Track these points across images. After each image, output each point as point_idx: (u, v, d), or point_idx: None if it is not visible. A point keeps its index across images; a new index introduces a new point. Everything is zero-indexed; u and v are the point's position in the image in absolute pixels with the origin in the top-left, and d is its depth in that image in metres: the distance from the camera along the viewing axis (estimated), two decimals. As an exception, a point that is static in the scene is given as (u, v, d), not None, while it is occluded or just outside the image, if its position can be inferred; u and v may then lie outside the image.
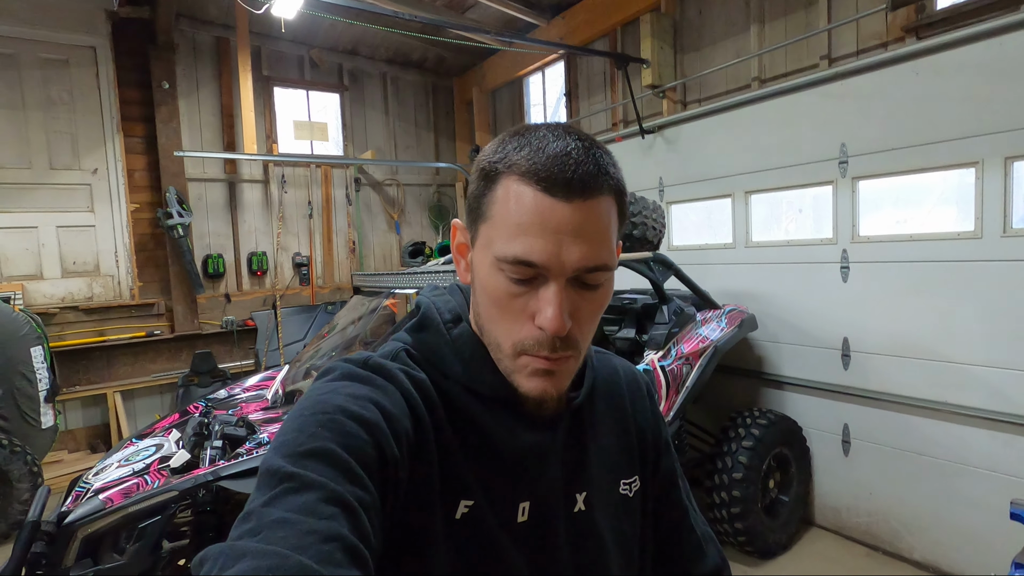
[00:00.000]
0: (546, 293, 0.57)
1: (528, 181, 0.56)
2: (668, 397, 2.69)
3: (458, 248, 0.67)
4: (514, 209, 0.57)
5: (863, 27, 3.27)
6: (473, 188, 0.63)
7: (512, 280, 0.58)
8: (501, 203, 0.58)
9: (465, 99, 6.65)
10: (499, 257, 0.58)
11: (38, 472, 3.64)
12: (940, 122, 2.75)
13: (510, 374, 0.62)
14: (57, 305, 4.65)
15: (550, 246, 0.56)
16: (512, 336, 0.60)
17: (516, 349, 0.60)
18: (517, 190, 0.57)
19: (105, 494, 1.84)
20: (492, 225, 0.59)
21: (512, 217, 0.57)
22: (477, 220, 0.62)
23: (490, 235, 0.59)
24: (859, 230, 3.11)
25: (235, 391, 2.91)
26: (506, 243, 0.57)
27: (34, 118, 4.55)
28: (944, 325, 2.78)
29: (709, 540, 0.82)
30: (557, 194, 0.56)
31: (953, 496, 2.79)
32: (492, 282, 0.60)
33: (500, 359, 0.63)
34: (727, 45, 4.02)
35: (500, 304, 0.60)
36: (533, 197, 0.56)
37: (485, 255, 0.60)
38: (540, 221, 0.56)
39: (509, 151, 0.59)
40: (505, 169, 0.58)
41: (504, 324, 0.61)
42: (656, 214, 3.05)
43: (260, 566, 0.40)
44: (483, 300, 0.63)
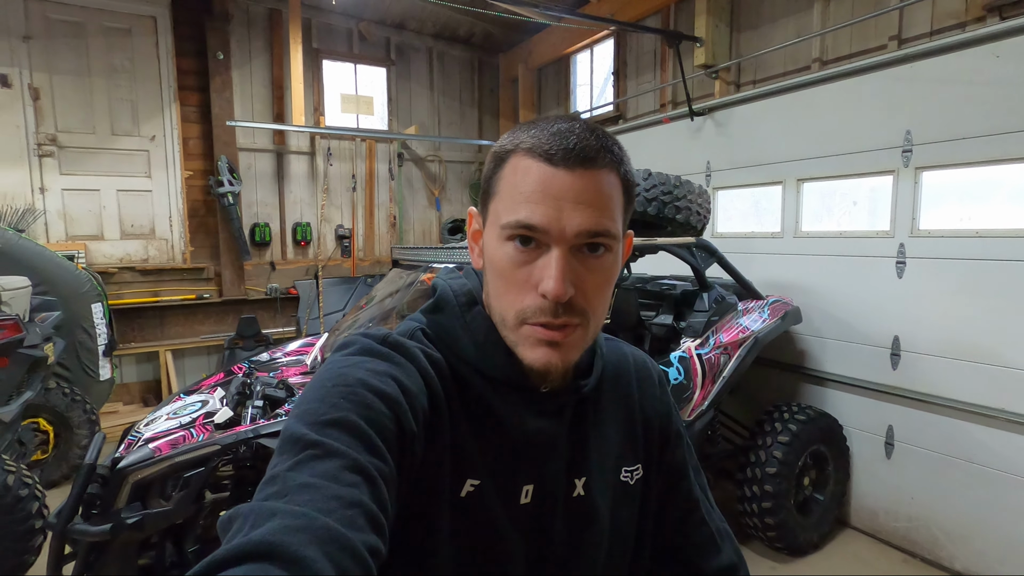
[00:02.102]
0: (547, 259, 0.58)
1: (533, 155, 0.59)
2: (704, 386, 2.63)
3: (472, 235, 0.69)
4: (519, 180, 0.60)
5: (939, 5, 3.05)
6: (485, 172, 0.65)
7: (518, 249, 0.60)
8: (507, 178, 0.61)
9: (510, 76, 6.57)
10: (503, 225, 0.60)
11: (95, 420, 3.87)
12: (1020, 110, 2.54)
13: (515, 347, 0.63)
14: (116, 265, 4.90)
15: (551, 211, 0.57)
16: (516, 306, 0.61)
17: (519, 318, 0.61)
18: (523, 164, 0.60)
19: (154, 444, 1.95)
20: (499, 199, 0.62)
21: (517, 187, 0.60)
22: (487, 200, 0.64)
23: (497, 209, 0.62)
24: (919, 223, 2.94)
25: (277, 355, 3.01)
26: (510, 212, 0.59)
27: (98, 85, 4.75)
28: (1006, 328, 2.62)
29: (725, 536, 0.81)
30: (558, 163, 0.58)
31: (1003, 507, 2.65)
32: (499, 254, 0.61)
33: (506, 334, 0.64)
34: (787, 23, 3.82)
35: (505, 275, 0.61)
36: (537, 168, 0.59)
37: (493, 230, 0.63)
38: (542, 188, 0.58)
39: (518, 134, 0.62)
40: (513, 148, 0.62)
41: (509, 296, 0.62)
42: (701, 199, 2.96)
43: (290, 525, 0.42)
44: (491, 276, 0.64)
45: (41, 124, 4.58)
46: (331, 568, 0.41)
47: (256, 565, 0.40)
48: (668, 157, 4.40)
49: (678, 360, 2.61)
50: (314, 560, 0.41)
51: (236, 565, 0.40)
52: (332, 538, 0.43)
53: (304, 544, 0.41)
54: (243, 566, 0.40)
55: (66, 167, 4.70)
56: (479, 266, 0.68)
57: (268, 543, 0.41)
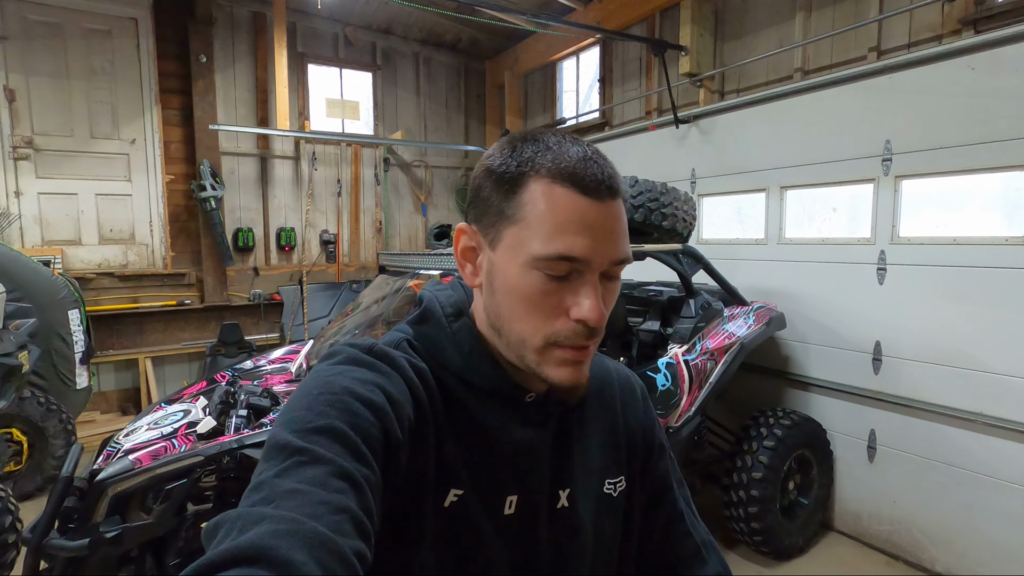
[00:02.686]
0: (585, 288, 0.60)
1: (561, 182, 0.59)
2: (691, 392, 2.65)
3: (464, 252, 0.68)
4: (551, 209, 0.59)
5: (916, 18, 3.13)
6: (487, 192, 0.63)
7: (548, 277, 0.60)
8: (533, 205, 0.60)
9: (497, 82, 6.59)
10: (538, 256, 0.59)
11: (72, 430, 3.78)
12: (995, 121, 2.62)
13: (537, 367, 0.64)
14: (94, 271, 4.79)
15: (589, 242, 0.59)
16: (543, 331, 0.62)
17: (547, 342, 0.62)
18: (551, 191, 0.59)
19: (135, 455, 1.90)
20: (525, 227, 0.60)
21: (551, 217, 0.59)
22: (499, 223, 0.63)
23: (522, 236, 0.61)
24: (899, 231, 3.00)
25: (261, 363, 2.97)
26: (546, 242, 0.59)
27: (77, 87, 4.65)
28: (984, 333, 2.68)
29: (711, 548, 0.82)
30: (591, 194, 0.59)
31: (983, 509, 2.71)
32: (524, 281, 0.61)
33: (524, 355, 0.64)
34: (770, 34, 3.89)
35: (532, 301, 0.61)
36: (570, 198, 0.59)
37: (514, 256, 0.61)
38: (579, 219, 0.59)
39: (528, 155, 0.61)
40: (531, 172, 0.60)
41: (534, 320, 0.62)
42: (687, 206, 2.98)
43: (278, 529, 0.42)
44: (507, 300, 0.63)
45: (17, 126, 4.47)
46: (319, 571, 0.41)
47: (245, 569, 0.40)
48: (654, 164, 4.44)
49: (665, 366, 2.62)
50: (303, 563, 0.41)
51: (225, 569, 0.40)
52: (320, 542, 0.43)
53: (293, 548, 0.41)
54: (232, 570, 0.40)
55: (43, 170, 4.59)
56: (475, 285, 0.68)
57: (257, 547, 0.41)
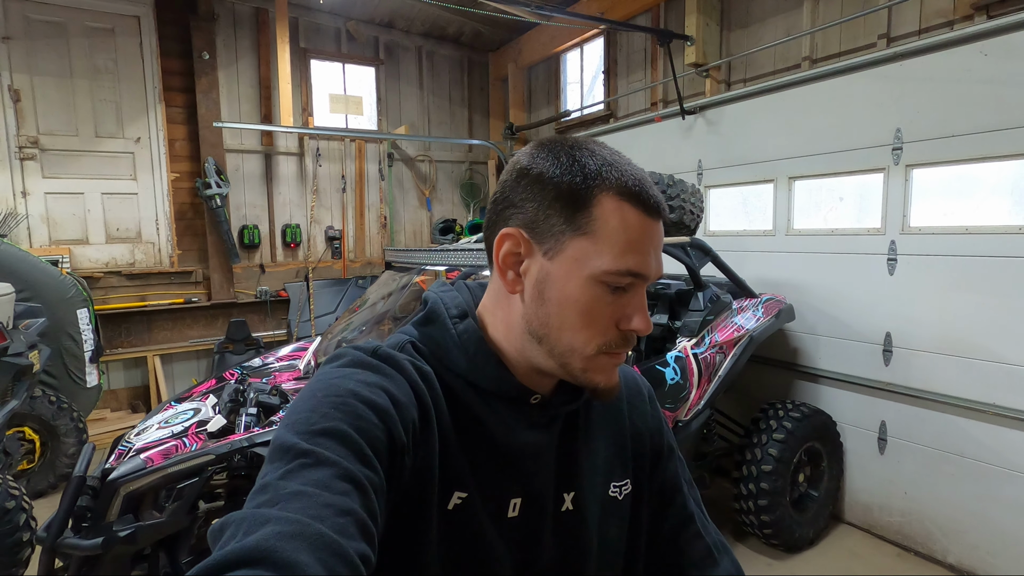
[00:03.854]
0: (638, 300, 0.64)
1: (631, 201, 0.62)
2: (700, 385, 2.64)
3: (505, 258, 0.65)
4: (624, 227, 0.61)
5: (927, 4, 3.07)
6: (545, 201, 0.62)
7: (610, 291, 0.62)
8: (604, 220, 0.61)
9: (500, 75, 6.55)
10: (610, 270, 0.61)
11: (83, 428, 3.81)
12: (1008, 108, 2.57)
13: (581, 374, 0.65)
14: (101, 270, 4.81)
15: (651, 260, 0.63)
16: (597, 339, 0.64)
17: (599, 350, 0.64)
18: (622, 208, 0.61)
19: (146, 454, 1.91)
20: (595, 240, 0.61)
21: (623, 234, 0.61)
22: (563, 234, 0.62)
23: (591, 250, 0.61)
24: (910, 221, 2.97)
25: (269, 360, 2.98)
26: (617, 258, 0.61)
27: (81, 86, 4.66)
28: (997, 324, 2.65)
29: (723, 549, 0.81)
30: (652, 214, 0.63)
31: (995, 501, 2.69)
32: (587, 294, 0.62)
33: (570, 362, 0.65)
34: (777, 22, 3.84)
35: (592, 313, 0.63)
36: (638, 217, 0.62)
37: (577, 268, 0.62)
38: (646, 238, 0.62)
39: (592, 169, 0.62)
40: (598, 186, 0.61)
41: (590, 331, 0.64)
42: (694, 198, 2.96)
43: (283, 531, 0.43)
44: (562, 310, 0.63)
45: (22, 126, 4.48)
46: (324, 573, 0.42)
47: (250, 570, 0.40)
48: (660, 156, 4.41)
49: (674, 360, 2.61)
50: (307, 565, 0.41)
51: (231, 570, 0.40)
52: (325, 544, 0.43)
53: (298, 550, 0.42)
54: (238, 571, 0.40)
55: (49, 170, 4.60)
56: (515, 292, 0.66)
57: (262, 548, 0.41)
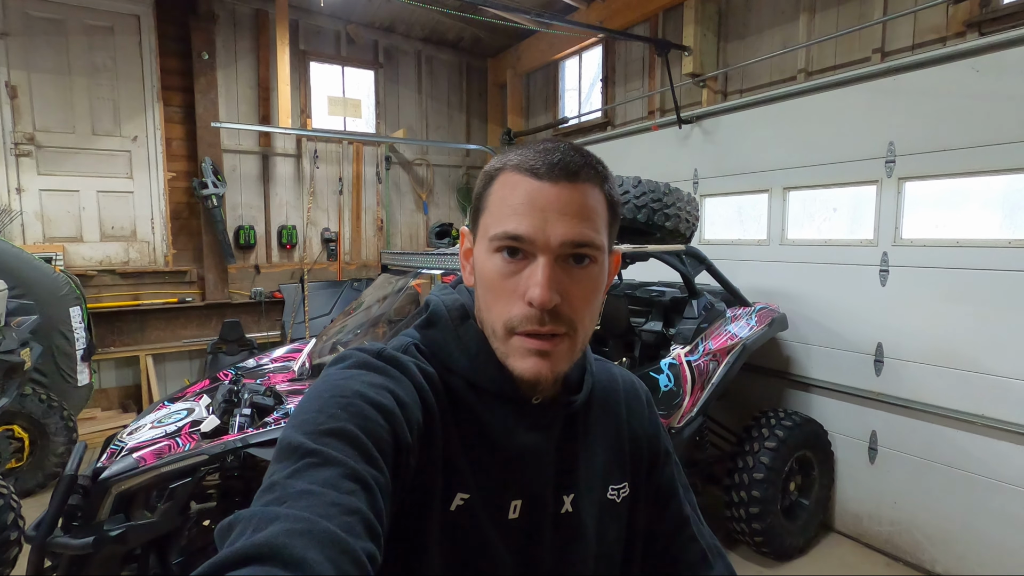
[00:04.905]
0: (533, 268, 0.60)
1: (520, 171, 0.62)
2: (693, 393, 2.65)
3: (464, 253, 0.71)
4: (507, 195, 0.62)
5: (921, 20, 3.12)
6: (476, 191, 0.67)
7: (505, 260, 0.61)
8: (496, 194, 0.64)
9: (499, 81, 6.58)
10: (492, 236, 0.62)
11: (73, 427, 3.78)
12: (999, 124, 2.62)
13: (505, 358, 0.64)
14: (95, 268, 4.79)
15: (537, 222, 0.60)
16: (503, 316, 0.62)
17: (507, 328, 0.62)
18: (512, 179, 0.63)
19: (138, 453, 1.90)
20: (488, 214, 0.64)
21: (505, 201, 0.62)
22: (477, 217, 0.67)
23: (486, 223, 0.64)
24: (902, 233, 3.01)
25: (263, 361, 2.97)
26: (498, 224, 0.62)
27: (79, 84, 4.65)
28: (987, 336, 2.68)
29: (717, 553, 0.82)
30: (543, 177, 0.61)
31: (983, 511, 2.71)
32: (488, 266, 0.63)
33: (496, 346, 0.65)
34: (774, 34, 3.88)
35: (494, 287, 0.63)
36: (524, 182, 0.62)
37: (483, 244, 0.64)
38: (528, 200, 0.61)
39: (507, 155, 0.65)
40: (501, 167, 0.65)
41: (498, 306, 0.63)
42: (690, 206, 2.98)
43: (292, 528, 0.43)
44: (481, 290, 0.66)
45: (18, 123, 4.46)
46: (332, 570, 0.42)
47: (259, 567, 0.40)
48: (656, 164, 4.44)
49: (668, 367, 2.62)
50: (316, 562, 0.41)
51: (240, 567, 0.40)
52: (333, 542, 0.43)
53: (306, 547, 0.42)
54: (246, 568, 0.40)
55: (44, 167, 4.58)
56: (470, 283, 0.71)
57: (271, 545, 0.41)
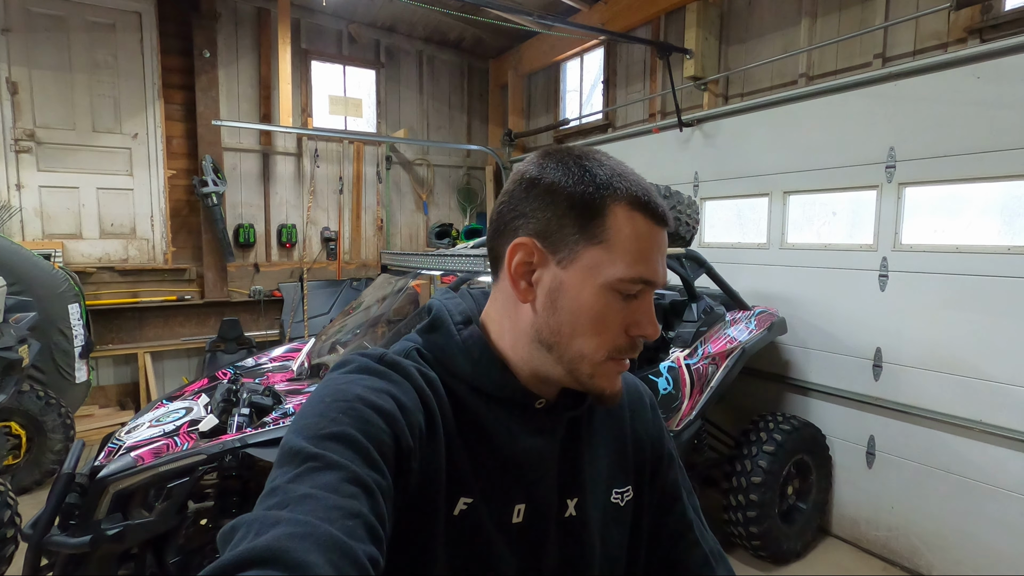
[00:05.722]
0: (646, 307, 0.66)
1: (641, 211, 0.64)
2: (692, 396, 2.65)
3: (518, 268, 0.66)
4: (635, 236, 0.63)
5: (922, 26, 3.13)
6: (559, 211, 0.64)
7: (623, 298, 0.64)
8: (618, 230, 0.63)
9: (500, 82, 6.58)
10: (623, 278, 0.63)
11: (70, 425, 3.77)
12: (999, 130, 2.62)
13: (589, 380, 0.66)
14: (94, 265, 4.78)
15: (659, 267, 0.65)
16: (608, 345, 0.65)
17: (609, 356, 0.66)
18: (632, 218, 0.63)
19: (136, 452, 1.90)
20: (609, 249, 0.63)
21: (636, 243, 0.63)
22: (576, 243, 0.64)
23: (604, 258, 0.63)
24: (901, 238, 3.01)
25: (262, 360, 2.96)
26: (630, 266, 0.63)
27: (80, 80, 4.64)
28: (986, 342, 2.68)
29: (719, 558, 0.82)
30: (660, 223, 0.65)
31: (981, 517, 2.72)
32: (600, 301, 0.64)
33: (579, 368, 0.66)
34: (775, 39, 3.89)
35: (604, 320, 0.65)
36: (648, 226, 0.64)
37: (591, 276, 0.63)
38: (655, 246, 0.65)
39: (604, 179, 0.64)
40: (611, 196, 0.63)
41: (602, 337, 0.65)
42: (690, 209, 2.99)
43: (294, 532, 0.43)
44: (574, 317, 0.65)
45: (19, 119, 4.46)
46: (334, 574, 0.42)
47: (261, 570, 0.40)
48: (657, 167, 4.44)
49: (667, 370, 2.62)
50: (318, 566, 0.41)
51: (242, 571, 0.40)
52: (335, 546, 0.44)
53: (308, 550, 0.42)
54: (249, 571, 0.40)
55: (44, 163, 4.58)
56: (527, 301, 0.66)
57: (273, 549, 0.41)
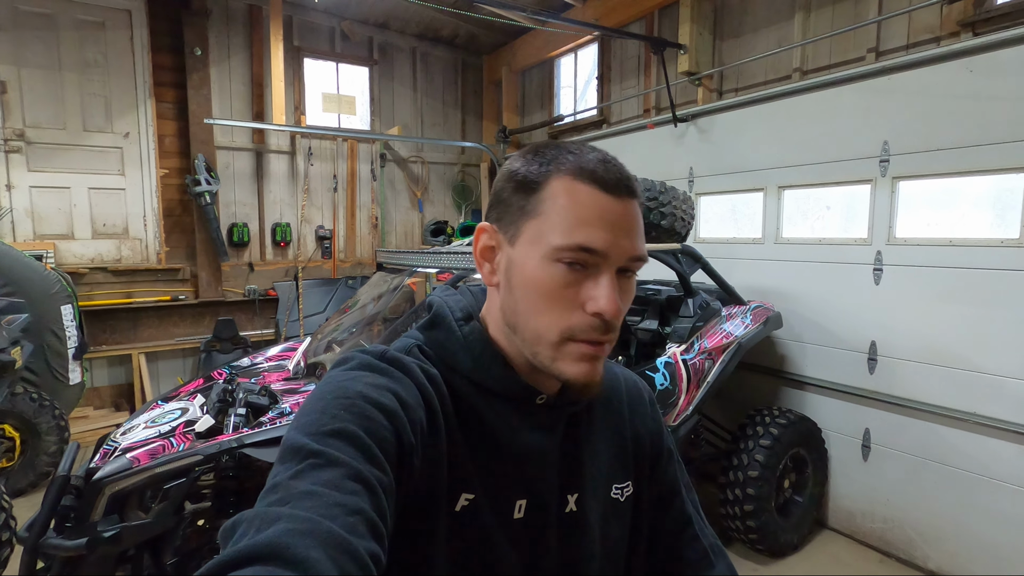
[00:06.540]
0: (602, 280, 0.61)
1: (583, 180, 0.61)
2: (688, 391, 2.66)
3: (483, 252, 0.68)
4: (573, 203, 0.61)
5: (915, 20, 3.13)
6: (507, 194, 0.65)
7: (568, 269, 0.61)
8: (553, 199, 0.62)
9: (494, 78, 6.56)
10: (559, 246, 0.60)
11: (65, 427, 3.75)
12: (992, 124, 2.63)
13: (550, 363, 0.64)
14: (87, 265, 4.75)
15: (609, 236, 0.60)
16: (560, 324, 0.62)
17: (563, 336, 0.62)
18: (573, 187, 0.61)
19: (132, 454, 1.89)
20: (545, 220, 0.62)
21: (572, 210, 0.61)
22: (520, 219, 0.64)
23: (542, 229, 0.62)
24: (895, 232, 3.02)
25: (257, 360, 2.95)
26: (567, 233, 0.60)
27: (69, 79, 4.60)
28: (979, 334, 2.70)
29: (719, 553, 0.82)
30: (611, 191, 0.61)
31: (975, 508, 2.74)
32: (544, 273, 0.62)
33: (538, 351, 0.64)
34: (769, 33, 3.89)
35: (551, 295, 0.62)
36: (591, 194, 0.61)
37: (534, 249, 0.62)
38: (600, 214, 0.61)
39: (550, 158, 0.63)
40: (554, 170, 0.62)
41: (552, 314, 0.62)
42: (686, 205, 2.99)
43: (295, 528, 0.43)
44: (525, 294, 0.64)
45: (8, 119, 4.41)
46: (335, 570, 0.42)
47: (262, 567, 0.40)
48: (652, 162, 4.44)
49: (664, 366, 2.63)
50: (319, 562, 0.41)
51: (243, 567, 0.40)
52: (336, 542, 0.44)
53: (309, 547, 0.42)
54: (250, 568, 0.40)
55: (35, 163, 4.53)
56: (492, 283, 0.68)
57: (274, 545, 0.41)
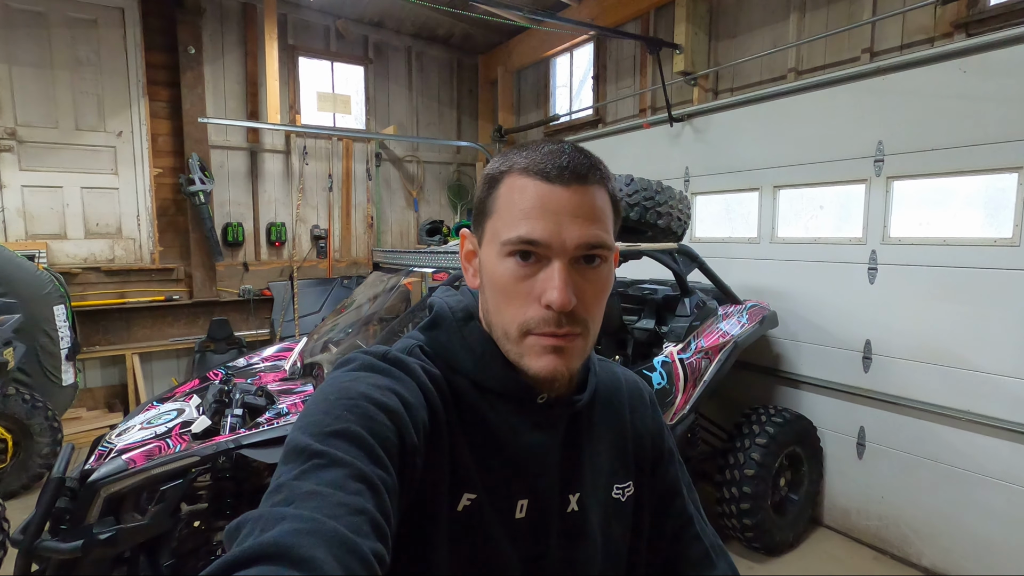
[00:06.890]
0: (549, 271, 0.61)
1: (528, 174, 0.62)
2: (685, 390, 2.67)
3: (466, 256, 0.71)
4: (517, 198, 0.62)
5: (909, 21, 3.15)
6: (479, 198, 0.67)
7: (519, 264, 0.62)
8: (505, 197, 0.63)
9: (490, 78, 6.56)
10: (504, 241, 0.62)
11: (58, 428, 3.72)
12: (985, 124, 2.65)
13: (519, 359, 0.64)
14: (79, 265, 4.71)
15: (551, 225, 0.60)
16: (518, 319, 0.63)
17: (522, 330, 0.63)
18: (520, 183, 0.62)
19: (128, 455, 1.87)
20: (497, 217, 0.64)
21: (516, 205, 0.62)
22: (483, 220, 0.66)
23: (496, 227, 0.64)
24: (890, 231, 3.04)
25: (253, 360, 2.94)
26: (511, 228, 0.61)
27: (61, 78, 4.55)
28: (973, 333, 2.72)
29: (720, 552, 0.82)
30: (554, 180, 0.61)
31: (969, 505, 2.76)
32: (499, 270, 0.63)
33: (508, 349, 0.65)
34: (764, 34, 3.90)
35: (507, 290, 0.63)
36: (534, 185, 0.62)
37: (491, 247, 0.64)
38: (540, 204, 0.61)
39: (510, 157, 0.65)
40: (507, 169, 0.64)
41: (511, 309, 0.63)
42: (682, 204, 2.99)
43: (299, 528, 0.43)
44: (491, 293, 0.65)
45: (-1, 117, 4.37)
46: (340, 570, 0.42)
47: (267, 566, 0.40)
48: (648, 162, 4.45)
49: (661, 365, 2.63)
50: (323, 561, 0.41)
51: (248, 566, 0.40)
52: (340, 541, 0.44)
53: (313, 546, 0.42)
54: (255, 567, 0.40)
55: (26, 163, 4.49)
56: (475, 285, 0.70)
57: (278, 544, 0.42)
